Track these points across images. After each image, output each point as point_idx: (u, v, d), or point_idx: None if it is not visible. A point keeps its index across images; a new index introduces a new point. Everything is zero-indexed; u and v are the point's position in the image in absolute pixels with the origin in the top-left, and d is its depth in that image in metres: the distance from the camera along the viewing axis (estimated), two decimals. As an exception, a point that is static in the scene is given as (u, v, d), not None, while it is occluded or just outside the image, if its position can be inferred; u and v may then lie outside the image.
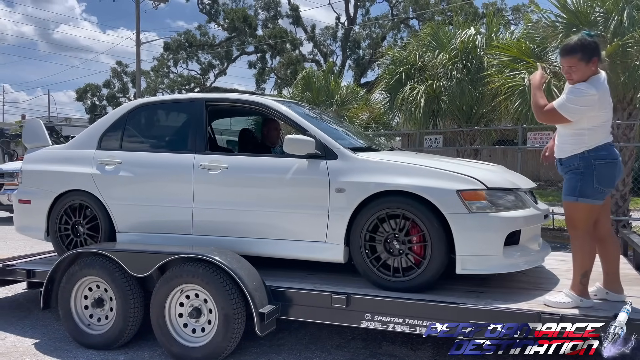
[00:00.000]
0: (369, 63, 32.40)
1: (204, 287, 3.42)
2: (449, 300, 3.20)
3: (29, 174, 4.66)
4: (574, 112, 3.00)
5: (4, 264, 4.54)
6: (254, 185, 3.86)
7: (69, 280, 3.81)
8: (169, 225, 4.12)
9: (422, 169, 3.42)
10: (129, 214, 4.23)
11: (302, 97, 12.16)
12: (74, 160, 4.44)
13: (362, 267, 3.51)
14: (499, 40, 8.41)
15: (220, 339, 3.37)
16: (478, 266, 3.27)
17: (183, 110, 4.48)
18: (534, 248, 3.53)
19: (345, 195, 3.51)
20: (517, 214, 3.34)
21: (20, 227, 4.78)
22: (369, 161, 3.59)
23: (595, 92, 2.96)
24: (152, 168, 4.20)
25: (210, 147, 4.26)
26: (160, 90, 34.13)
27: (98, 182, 4.28)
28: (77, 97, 36.86)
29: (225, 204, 3.91)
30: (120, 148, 4.35)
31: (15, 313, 4.71)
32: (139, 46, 27.11)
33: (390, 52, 10.33)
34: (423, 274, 3.32)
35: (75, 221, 4.44)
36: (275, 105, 4.05)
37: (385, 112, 10.38)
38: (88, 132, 4.58)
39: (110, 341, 3.72)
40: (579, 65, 3.01)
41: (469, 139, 9.46)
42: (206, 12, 32.78)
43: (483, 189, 3.27)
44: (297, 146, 3.62)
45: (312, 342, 3.91)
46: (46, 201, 4.46)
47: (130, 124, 4.43)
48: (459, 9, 23.90)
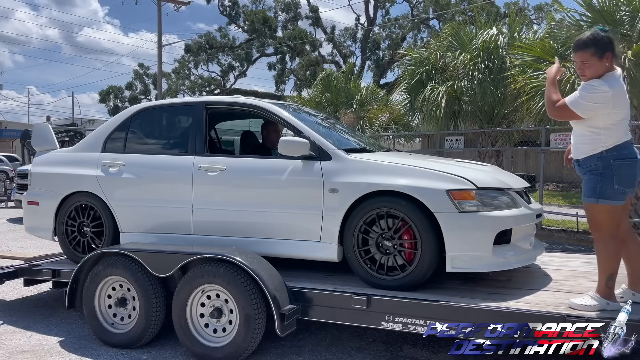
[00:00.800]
0: (389, 64, 32.29)
1: (225, 288, 3.44)
2: (470, 302, 3.16)
3: (38, 176, 4.80)
4: (585, 109, 2.93)
5: (30, 263, 4.64)
6: (251, 186, 3.94)
7: (93, 280, 3.87)
8: (170, 226, 4.22)
9: (413, 170, 3.48)
10: (132, 214, 4.33)
11: (321, 98, 12.19)
12: (79, 162, 4.57)
13: (354, 265, 3.56)
14: (522, 40, 8.32)
15: (241, 339, 3.39)
16: (468, 264, 3.32)
17: (184, 113, 4.57)
18: (526, 247, 3.57)
19: (338, 196, 3.58)
20: (508, 214, 3.38)
21: (29, 227, 4.93)
22: (362, 162, 3.65)
23: (608, 89, 2.88)
24: (154, 170, 4.30)
25: (210, 149, 4.35)
26: (181, 91, 34.53)
27: (102, 183, 4.39)
28: (100, 99, 37.61)
29: (223, 204, 4.01)
30: (124, 151, 4.47)
31: (41, 311, 4.80)
32: (161, 48, 27.45)
33: (411, 53, 10.30)
34: (414, 272, 3.37)
35: (81, 222, 4.55)
36: (270, 107, 4.13)
37: (406, 113, 10.34)
38: (93, 136, 4.71)
39: (133, 340, 3.77)
40: (591, 60, 2.96)
41: (490, 140, 9.37)
42: (226, 14, 33.07)
43: (473, 188, 3.32)
44: (291, 148, 3.70)
45: (333, 343, 3.90)
46: (53, 202, 4.59)
47: (133, 127, 4.56)
48: (480, 9, 23.66)
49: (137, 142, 4.55)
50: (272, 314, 3.29)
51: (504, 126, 9.21)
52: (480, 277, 3.71)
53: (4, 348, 3.83)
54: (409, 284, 3.39)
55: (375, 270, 3.49)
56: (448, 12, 27.67)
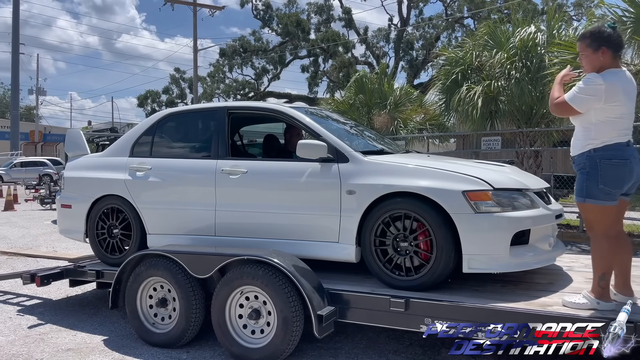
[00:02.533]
0: (423, 64, 31.99)
1: (263, 289, 3.47)
2: (510, 305, 3.11)
3: (70, 180, 5.01)
4: (580, 102, 2.97)
5: (75, 264, 4.80)
6: (271, 188, 4.03)
7: (136, 280, 3.97)
8: (194, 227, 4.35)
9: (429, 171, 3.51)
10: (158, 216, 4.49)
11: (355, 99, 12.17)
12: (109, 167, 4.76)
13: (372, 266, 3.61)
14: (561, 37, 8.10)
15: (278, 341, 3.41)
16: (485, 265, 3.33)
17: (207, 118, 4.67)
18: (544, 248, 3.54)
19: (355, 197, 3.63)
20: (525, 214, 3.38)
21: (62, 229, 5.15)
22: (378, 164, 3.70)
23: (602, 82, 2.89)
24: (179, 173, 4.45)
25: (233, 152, 4.45)
26: (216, 95, 35.02)
27: (130, 187, 4.56)
28: (138, 104, 38.42)
29: (244, 206, 4.11)
30: (150, 155, 4.63)
31: (84, 310, 4.96)
32: (196, 53, 27.96)
33: (446, 53, 10.15)
34: (430, 272, 3.38)
35: (111, 224, 4.71)
36: (289, 111, 4.24)
37: (441, 113, 10.21)
38: (122, 141, 4.90)
39: (174, 340, 3.84)
40: (586, 51, 3.02)
41: (529, 141, 9.16)
42: (260, 18, 33.38)
43: (489, 189, 3.33)
44: (309, 150, 3.76)
45: (370, 346, 3.89)
46: (85, 205, 4.79)
47: (159, 132, 4.72)
48: (517, 6, 23.20)
49: (163, 146, 4.71)
50: (310, 315, 3.31)
51: (542, 126, 8.98)
52: (520, 279, 3.64)
53: (51, 346, 3.97)
54: (424, 284, 3.41)
55: (391, 270, 3.53)
56: (483, 11, 27.22)
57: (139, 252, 4.08)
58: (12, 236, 9.69)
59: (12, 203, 15.09)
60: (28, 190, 16.50)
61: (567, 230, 8.90)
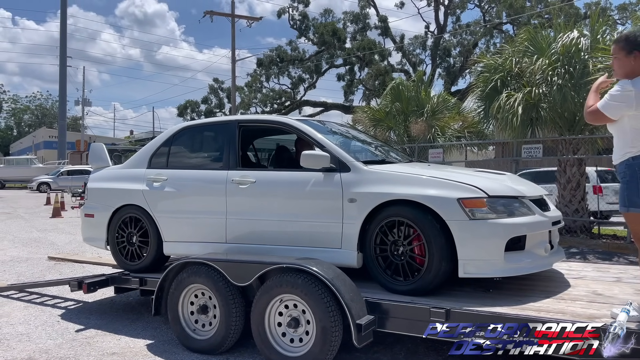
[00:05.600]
0: (460, 71, 31.64)
1: (302, 298, 3.49)
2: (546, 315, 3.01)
3: (93, 191, 5.26)
4: (612, 109, 2.94)
5: (120, 273, 4.95)
6: (277, 197, 4.19)
7: (178, 287, 4.06)
8: (206, 235, 4.53)
9: (426, 179, 3.64)
10: (174, 225, 4.68)
11: (391, 107, 12.09)
12: (128, 178, 5.00)
13: (372, 270, 3.75)
14: (605, 42, 7.87)
15: (317, 350, 3.42)
16: (480, 270, 3.42)
17: (219, 131, 4.82)
18: (540, 253, 3.63)
19: (356, 205, 3.77)
20: (520, 221, 3.47)
21: (86, 238, 5.40)
22: (379, 173, 3.83)
23: (631, 88, 2.86)
24: (192, 183, 4.65)
25: (243, 163, 4.60)
26: (253, 104, 35.47)
27: (147, 197, 4.78)
28: (178, 113, 39.24)
29: (252, 214, 4.28)
30: (167, 166, 4.85)
31: (128, 315, 5.09)
32: (234, 63, 28.42)
33: (484, 59, 10.00)
34: (426, 277, 3.49)
35: (130, 232, 4.91)
36: (295, 124, 4.41)
37: (480, 121, 10.05)
38: (141, 153, 5.12)
39: (214, 347, 3.90)
40: (619, 54, 3.00)
41: (572, 148, 8.91)
42: (296, 27, 33.74)
43: (484, 196, 3.44)
44: (312, 161, 3.92)
45: (408, 357, 3.85)
46: (106, 214, 5.03)
47: (175, 145, 4.94)
48: (559, 11, 22.68)
49: (179, 158, 4.91)
50: (349, 324, 3.30)
51: (586, 133, 8.73)
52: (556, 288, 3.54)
53: (96, 350, 4.09)
54: (421, 288, 3.52)
55: (391, 275, 3.65)
56: (523, 16, 26.71)
57: (181, 260, 4.16)
58: (59, 242, 10.06)
59: (60, 210, 15.61)
60: (74, 198, 17.04)
61: (614, 241, 8.59)
